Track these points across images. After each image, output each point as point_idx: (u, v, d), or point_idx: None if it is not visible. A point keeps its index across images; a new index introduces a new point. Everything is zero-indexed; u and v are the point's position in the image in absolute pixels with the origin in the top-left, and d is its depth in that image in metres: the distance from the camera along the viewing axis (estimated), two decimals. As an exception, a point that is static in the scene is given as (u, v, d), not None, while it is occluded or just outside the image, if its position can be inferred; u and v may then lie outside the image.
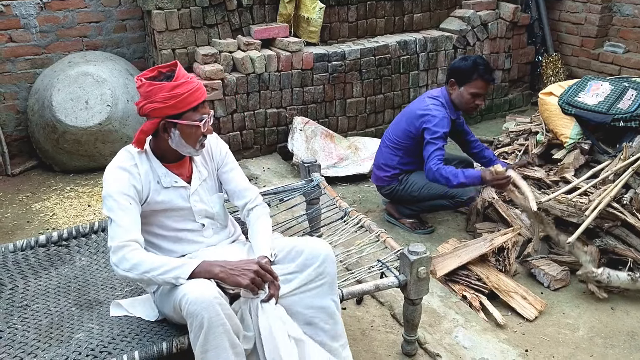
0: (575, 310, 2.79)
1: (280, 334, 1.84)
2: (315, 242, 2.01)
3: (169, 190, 2.01)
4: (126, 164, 1.94)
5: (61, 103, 4.01)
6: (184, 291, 1.75)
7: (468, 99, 3.23)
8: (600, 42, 5.08)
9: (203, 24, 4.27)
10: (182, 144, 1.95)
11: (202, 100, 1.93)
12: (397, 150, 3.43)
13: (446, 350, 2.40)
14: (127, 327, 2.04)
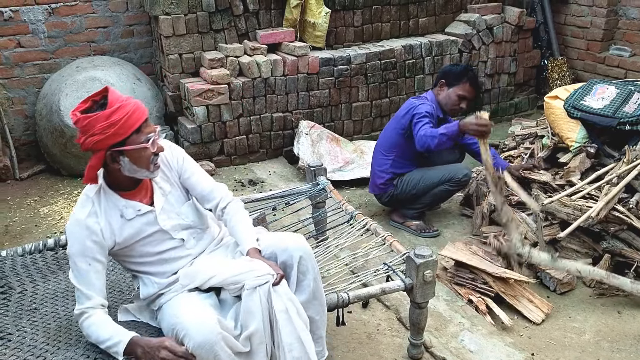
0: (581, 314, 2.78)
1: (295, 315, 1.88)
2: (290, 241, 2.03)
3: (134, 221, 1.94)
4: (83, 215, 1.87)
5: (69, 108, 4.03)
6: (183, 325, 1.78)
7: (455, 100, 3.41)
8: (606, 45, 5.07)
9: (210, 29, 4.31)
10: (134, 170, 1.87)
11: (143, 119, 1.85)
12: (390, 153, 3.51)
13: (452, 354, 2.41)
14: (134, 331, 2.04)
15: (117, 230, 1.92)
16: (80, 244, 1.87)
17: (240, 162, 4.40)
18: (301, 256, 1.99)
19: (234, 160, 4.38)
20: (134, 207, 1.95)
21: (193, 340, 1.74)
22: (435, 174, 3.46)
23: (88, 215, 1.88)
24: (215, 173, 4.25)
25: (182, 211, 2.07)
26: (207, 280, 1.97)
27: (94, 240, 1.88)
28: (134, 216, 1.94)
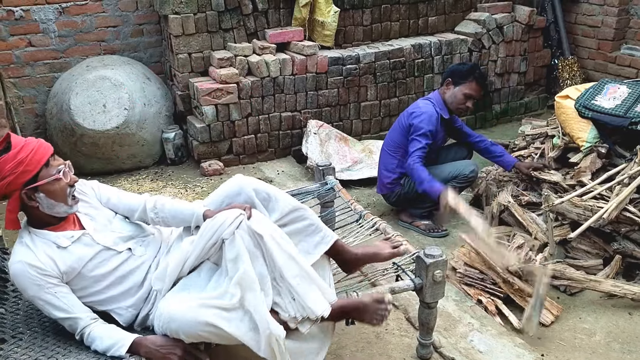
0: (592, 315, 2.76)
1: (279, 237, 1.93)
2: (237, 182, 2.09)
3: (72, 249, 1.93)
4: (23, 257, 1.86)
5: (79, 106, 4.06)
6: (164, 316, 1.82)
7: (461, 98, 3.42)
8: (618, 45, 5.03)
9: (219, 28, 4.31)
10: (52, 205, 1.89)
11: (50, 153, 1.87)
12: (396, 153, 3.51)
13: (461, 355, 2.39)
14: (147, 333, 2.05)
15: (59, 261, 1.89)
16: (34, 283, 1.86)
17: (248, 162, 4.41)
18: (254, 188, 2.06)
19: (242, 160, 4.39)
20: (65, 235, 1.94)
21: (178, 322, 1.78)
22: (442, 171, 3.45)
23: (26, 255, 1.87)
24: (223, 172, 4.26)
25: (115, 227, 2.07)
26: (181, 267, 1.96)
27: (44, 274, 1.86)
28: (69, 244, 1.93)
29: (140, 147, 4.31)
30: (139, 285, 2.03)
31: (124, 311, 2.02)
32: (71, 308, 1.91)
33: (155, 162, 4.48)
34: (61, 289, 1.90)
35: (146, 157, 4.40)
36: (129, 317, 2.03)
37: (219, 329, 1.78)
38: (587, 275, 2.86)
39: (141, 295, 2.03)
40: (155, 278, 1.99)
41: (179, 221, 2.12)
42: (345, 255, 2.23)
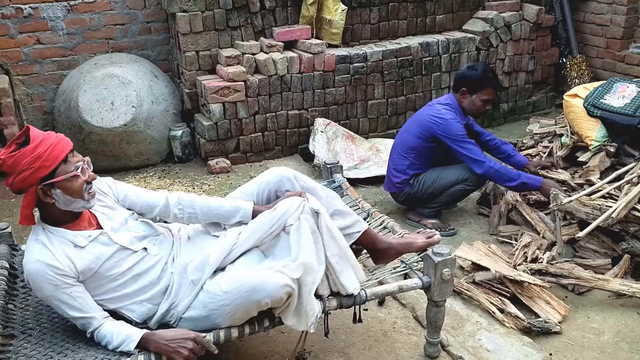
0: (600, 314, 2.75)
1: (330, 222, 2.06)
2: (275, 171, 2.23)
3: (89, 248, 1.93)
4: (39, 256, 1.85)
5: (87, 104, 4.08)
6: (252, 284, 1.87)
7: (480, 105, 3.42)
8: (626, 43, 5.00)
9: (226, 26, 4.32)
10: (69, 201, 1.88)
11: (69, 149, 1.86)
12: (409, 154, 3.50)
13: (469, 353, 2.39)
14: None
15: (76, 261, 1.89)
16: (51, 283, 1.85)
17: (255, 160, 4.41)
18: (295, 175, 2.20)
19: (249, 158, 4.40)
20: (83, 235, 1.94)
21: (264, 290, 1.85)
22: (451, 173, 3.45)
23: (44, 254, 1.86)
24: (230, 170, 4.27)
25: (130, 226, 2.07)
26: (224, 257, 2.01)
27: (62, 274, 1.86)
28: (87, 243, 1.92)
29: (148, 145, 4.33)
30: (154, 282, 2.04)
31: (138, 306, 2.02)
32: (86, 307, 1.91)
33: (163, 160, 4.50)
34: (77, 288, 1.91)
35: (153, 154, 4.41)
36: (144, 312, 2.03)
37: (294, 290, 1.89)
38: (596, 275, 2.84)
39: (158, 291, 2.04)
40: (194, 268, 2.00)
41: (213, 217, 2.14)
42: (379, 244, 2.30)
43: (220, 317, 1.93)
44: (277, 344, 2.49)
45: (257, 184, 2.24)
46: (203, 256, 2.03)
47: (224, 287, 1.91)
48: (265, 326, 2.00)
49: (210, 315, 1.95)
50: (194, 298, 1.98)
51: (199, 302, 1.98)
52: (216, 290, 1.93)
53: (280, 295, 1.87)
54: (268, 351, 2.45)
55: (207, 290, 1.97)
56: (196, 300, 1.98)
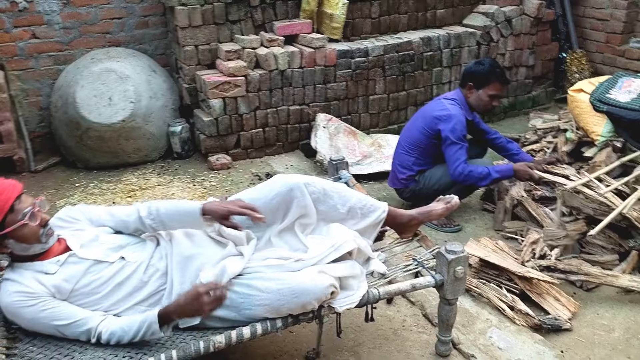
0: (609, 310, 2.73)
1: None
2: (285, 179, 2.17)
3: (60, 271, 1.90)
4: (12, 289, 1.84)
5: (85, 99, 4.01)
6: (297, 286, 1.89)
7: (487, 101, 3.38)
8: (626, 38, 4.99)
9: (226, 20, 4.26)
10: (25, 248, 1.87)
11: (15, 197, 1.81)
12: (413, 151, 3.47)
13: (481, 351, 2.37)
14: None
15: (47, 283, 1.87)
16: (26, 306, 1.82)
17: (256, 156, 4.36)
18: (305, 183, 2.15)
19: (250, 154, 4.34)
20: (52, 262, 1.92)
21: (311, 292, 1.88)
22: None
23: (12, 286, 1.84)
24: (231, 166, 4.21)
25: (104, 240, 2.03)
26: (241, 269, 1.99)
27: (33, 296, 1.83)
28: (57, 269, 1.90)
29: (147, 141, 4.26)
30: (140, 286, 1.99)
31: (132, 311, 1.98)
32: (74, 314, 1.87)
33: (161, 156, 4.43)
34: (56, 302, 1.87)
35: (152, 151, 4.35)
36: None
37: (337, 288, 1.95)
38: (605, 271, 2.83)
39: (151, 292, 2.00)
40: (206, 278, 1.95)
41: (180, 222, 2.05)
42: (400, 218, 2.34)
43: (253, 315, 1.92)
44: (286, 344, 2.45)
45: (267, 191, 2.17)
46: (219, 269, 1.98)
47: (261, 287, 1.90)
48: (278, 327, 1.96)
49: (241, 315, 1.93)
50: None
51: (228, 302, 1.92)
52: (250, 291, 1.91)
53: (325, 297, 1.92)
54: (277, 351, 2.41)
55: (237, 291, 1.93)
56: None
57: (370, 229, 2.24)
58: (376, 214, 2.23)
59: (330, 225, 2.22)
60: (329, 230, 2.20)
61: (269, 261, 2.04)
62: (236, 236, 2.14)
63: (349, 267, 2.04)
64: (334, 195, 2.19)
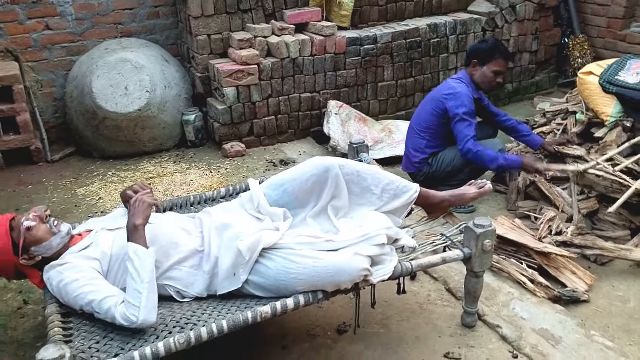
0: (623, 283, 2.85)
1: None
2: (322, 161, 2.25)
3: (95, 243, 2.08)
4: (60, 267, 2.00)
5: (101, 89, 4.06)
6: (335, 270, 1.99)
7: (491, 77, 3.44)
8: (627, 22, 5.10)
9: (237, 9, 4.31)
10: (48, 245, 2.04)
11: (9, 219, 2.03)
12: (425, 133, 3.54)
13: (505, 322, 2.47)
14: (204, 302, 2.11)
15: (91, 257, 2.02)
16: (73, 283, 1.93)
17: (269, 143, 4.43)
18: (339, 164, 2.23)
19: (263, 141, 4.42)
20: (83, 242, 2.10)
21: (346, 272, 1.99)
22: None
23: (63, 267, 1.99)
24: (245, 153, 4.29)
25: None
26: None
27: (80, 269, 1.97)
28: (89, 242, 2.09)
29: (162, 130, 4.32)
30: (176, 242, 2.13)
31: (187, 276, 2.11)
32: (108, 288, 1.95)
33: (176, 145, 4.49)
34: (98, 276, 1.99)
35: (167, 139, 4.41)
36: (184, 277, 2.11)
37: (370, 272, 2.05)
38: (618, 245, 2.94)
39: (189, 251, 2.12)
40: (247, 250, 2.04)
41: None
42: (432, 199, 2.43)
43: (288, 287, 2.01)
44: (317, 318, 2.54)
45: (302, 172, 2.26)
46: (255, 237, 2.08)
47: (298, 261, 2.00)
48: (319, 298, 2.05)
49: (277, 284, 2.03)
50: (252, 264, 2.05)
51: (265, 269, 2.04)
52: (286, 263, 2.01)
53: (358, 278, 2.02)
54: (309, 324, 2.50)
55: (274, 260, 2.03)
56: (261, 267, 2.05)
57: (401, 208, 2.33)
58: (408, 194, 2.31)
59: (364, 210, 2.30)
60: (362, 216, 2.28)
61: (300, 238, 2.13)
62: (274, 213, 2.23)
63: (379, 248, 2.13)
64: (368, 176, 2.27)
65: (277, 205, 2.26)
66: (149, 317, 1.86)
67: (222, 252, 2.10)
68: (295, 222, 2.28)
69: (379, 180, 2.29)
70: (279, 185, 2.27)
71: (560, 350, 2.32)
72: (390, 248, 2.21)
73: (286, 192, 2.26)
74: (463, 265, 2.43)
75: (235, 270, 2.08)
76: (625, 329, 2.54)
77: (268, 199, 2.26)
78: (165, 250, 2.10)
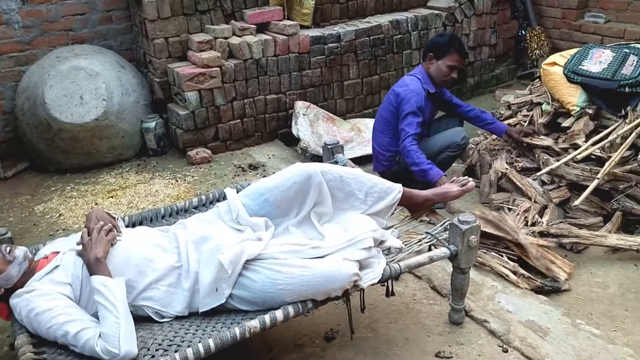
0: (601, 269, 2.88)
1: None
2: (301, 168, 2.16)
3: (63, 266, 1.95)
4: (35, 293, 1.87)
5: (55, 100, 3.85)
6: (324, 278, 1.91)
7: (445, 71, 3.42)
8: (581, 13, 5.22)
9: (195, 11, 4.18)
10: (6, 276, 1.90)
11: None
12: (387, 131, 3.52)
13: (492, 316, 2.45)
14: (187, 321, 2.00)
15: (61, 281, 1.89)
16: (45, 314, 1.79)
17: (236, 147, 4.32)
18: (321, 170, 2.15)
19: (229, 146, 4.30)
20: (49, 266, 1.95)
21: (336, 279, 1.92)
22: (434, 142, 3.49)
23: (31, 294, 1.85)
24: (212, 160, 4.16)
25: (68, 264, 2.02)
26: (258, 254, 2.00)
27: (51, 297, 1.84)
28: (55, 265, 1.94)
29: (121, 139, 4.14)
30: (151, 260, 2.01)
31: (165, 296, 1.99)
32: (83, 318, 1.83)
33: (136, 154, 4.32)
34: (71, 304, 1.86)
35: (127, 149, 4.23)
36: (162, 297, 1.99)
37: (360, 277, 1.98)
38: (594, 232, 2.98)
39: (165, 268, 2.01)
40: (229, 263, 1.94)
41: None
42: (416, 199, 2.38)
43: (275, 299, 1.92)
44: (303, 327, 2.46)
45: (284, 179, 2.17)
46: (238, 249, 1.98)
47: (284, 272, 1.91)
48: (309, 307, 1.97)
49: (263, 297, 1.94)
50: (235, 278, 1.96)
51: (250, 282, 1.94)
52: (272, 274, 1.92)
53: (349, 284, 1.95)
54: (296, 334, 2.42)
55: (259, 272, 1.94)
56: (245, 280, 1.95)
57: (385, 210, 2.27)
58: (392, 195, 2.25)
59: (348, 214, 2.23)
60: (347, 220, 2.21)
61: (285, 247, 2.04)
62: (255, 223, 2.13)
63: (367, 251, 2.07)
64: (351, 181, 2.20)
65: (258, 216, 2.17)
66: (131, 349, 1.75)
67: (202, 267, 1.99)
68: (277, 232, 2.19)
69: (362, 184, 2.22)
70: (260, 194, 2.17)
71: (549, 342, 2.31)
72: (377, 250, 2.15)
73: (267, 202, 2.16)
74: (446, 261, 2.41)
75: (218, 285, 1.97)
76: (608, 315, 2.56)
77: (248, 210, 2.16)
78: (140, 269, 1.98)
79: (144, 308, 1.98)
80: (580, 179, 3.17)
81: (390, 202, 2.26)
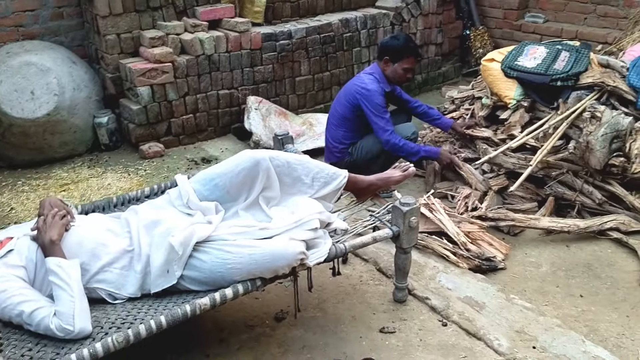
0: (535, 250, 3.09)
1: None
2: (251, 155, 2.24)
3: (17, 249, 1.99)
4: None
5: (5, 95, 3.82)
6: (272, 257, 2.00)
7: (402, 74, 3.61)
8: (522, 13, 5.50)
9: (147, 7, 4.21)
10: None
11: None
12: (342, 125, 3.66)
13: (433, 293, 2.61)
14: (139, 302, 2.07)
15: (16, 263, 1.93)
16: (3, 278, 1.86)
17: (189, 142, 4.36)
18: (269, 157, 2.23)
19: (182, 140, 4.34)
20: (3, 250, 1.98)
21: (283, 257, 2.01)
22: None
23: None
24: (164, 154, 4.20)
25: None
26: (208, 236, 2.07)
27: (4, 279, 1.88)
28: (9, 249, 1.98)
29: (73, 134, 4.13)
30: (103, 244, 2.07)
31: (118, 278, 2.05)
32: (39, 297, 1.88)
33: (89, 149, 4.31)
34: (24, 285, 1.90)
35: (79, 144, 4.22)
36: (114, 279, 2.05)
37: (306, 255, 2.09)
38: (528, 216, 3.18)
39: (117, 251, 2.06)
40: (180, 244, 2.01)
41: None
42: (360, 184, 2.50)
43: (225, 278, 2.01)
44: (254, 309, 2.55)
45: (233, 166, 2.25)
46: (188, 231, 2.06)
47: (233, 252, 2.00)
48: (257, 285, 2.07)
49: (214, 277, 2.02)
50: (186, 259, 2.03)
51: (200, 263, 2.02)
52: (221, 254, 2.01)
53: (295, 262, 2.06)
54: (247, 316, 2.51)
55: (209, 253, 2.02)
56: (196, 261, 2.03)
57: (332, 194, 2.38)
58: (338, 180, 2.37)
59: (295, 198, 2.34)
60: (294, 203, 2.31)
61: (234, 229, 2.14)
62: (205, 207, 2.22)
63: (313, 232, 2.18)
64: (298, 167, 2.31)
65: (209, 201, 2.25)
66: (85, 326, 1.82)
67: (153, 250, 2.06)
68: (227, 216, 2.28)
69: (309, 170, 2.33)
70: (210, 180, 2.26)
71: (485, 315, 2.49)
72: (324, 232, 2.27)
73: (217, 187, 2.25)
74: (391, 245, 2.55)
75: (169, 266, 2.05)
76: (540, 291, 2.76)
77: (198, 195, 2.24)
78: (93, 253, 2.04)
79: (98, 290, 2.03)
80: (516, 167, 3.38)
81: (336, 187, 2.37)
